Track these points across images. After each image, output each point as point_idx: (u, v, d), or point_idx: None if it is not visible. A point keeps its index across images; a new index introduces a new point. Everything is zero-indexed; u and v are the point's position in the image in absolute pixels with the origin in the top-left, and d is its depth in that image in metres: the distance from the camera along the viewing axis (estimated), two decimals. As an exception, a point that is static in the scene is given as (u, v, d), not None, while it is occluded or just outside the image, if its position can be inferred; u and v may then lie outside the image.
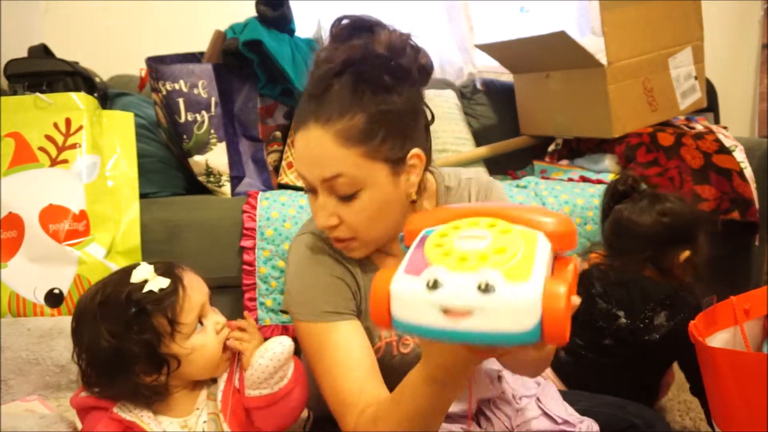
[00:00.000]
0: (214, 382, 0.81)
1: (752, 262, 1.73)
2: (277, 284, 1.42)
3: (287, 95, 1.63)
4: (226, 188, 1.62)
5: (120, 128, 1.50)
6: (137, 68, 1.71)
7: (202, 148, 1.58)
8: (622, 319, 1.16)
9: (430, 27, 2.35)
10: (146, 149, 1.61)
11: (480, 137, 2.13)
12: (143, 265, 0.76)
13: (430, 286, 0.47)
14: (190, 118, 1.56)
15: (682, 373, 1.21)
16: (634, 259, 1.20)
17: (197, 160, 1.59)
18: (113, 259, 1.36)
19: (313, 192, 0.77)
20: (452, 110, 2.11)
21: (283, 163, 1.68)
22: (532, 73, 2.00)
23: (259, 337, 0.81)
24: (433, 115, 0.82)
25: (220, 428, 0.77)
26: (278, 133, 1.70)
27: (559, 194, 1.58)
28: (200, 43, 1.68)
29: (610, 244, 1.28)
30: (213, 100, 1.59)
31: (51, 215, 1.33)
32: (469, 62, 2.37)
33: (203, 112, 1.58)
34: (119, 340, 0.71)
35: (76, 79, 1.60)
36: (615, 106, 1.72)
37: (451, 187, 0.89)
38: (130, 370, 0.73)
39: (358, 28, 0.74)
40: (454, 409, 0.84)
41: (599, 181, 1.71)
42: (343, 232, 0.78)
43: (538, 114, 2.06)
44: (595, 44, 1.77)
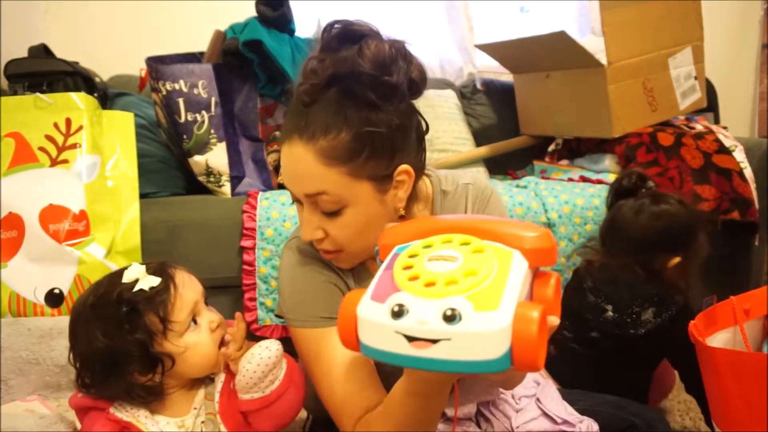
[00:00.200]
0: (212, 382, 0.81)
1: (752, 262, 1.73)
2: (277, 284, 1.41)
3: (287, 95, 1.63)
4: (226, 188, 1.62)
5: (120, 128, 1.50)
6: (137, 68, 1.72)
7: (202, 148, 1.59)
8: (609, 313, 1.16)
9: (430, 27, 2.35)
10: (146, 149, 1.61)
11: (480, 137, 2.13)
12: (134, 265, 0.76)
13: (395, 312, 0.46)
14: (190, 118, 1.57)
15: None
16: (625, 259, 1.20)
17: (197, 160, 1.59)
18: (113, 259, 1.36)
19: (300, 203, 0.77)
20: (452, 110, 2.11)
21: (283, 163, 1.69)
22: (532, 73, 2.00)
23: (243, 342, 0.79)
24: (427, 125, 0.80)
25: (217, 428, 0.77)
26: (278, 133, 1.70)
27: (559, 194, 1.58)
28: (200, 43, 1.68)
29: (604, 242, 1.28)
30: (213, 100, 1.59)
31: (51, 215, 1.33)
32: (469, 62, 2.37)
33: (203, 112, 1.58)
34: (112, 340, 0.71)
35: (76, 79, 1.60)
36: (615, 106, 1.72)
37: (448, 192, 0.87)
38: (124, 370, 0.73)
39: (349, 39, 0.72)
40: (459, 413, 0.84)
41: (599, 181, 1.71)
42: (329, 245, 0.77)
43: (538, 114, 2.06)
44: (595, 44, 1.76)
